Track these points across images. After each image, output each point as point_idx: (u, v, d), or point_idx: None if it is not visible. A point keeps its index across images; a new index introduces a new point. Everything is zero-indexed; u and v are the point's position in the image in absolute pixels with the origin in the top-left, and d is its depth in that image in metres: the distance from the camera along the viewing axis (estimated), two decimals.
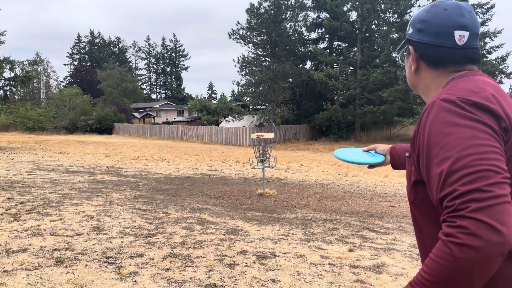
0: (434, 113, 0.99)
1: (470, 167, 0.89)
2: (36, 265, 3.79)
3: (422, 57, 1.15)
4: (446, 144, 0.94)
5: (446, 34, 1.10)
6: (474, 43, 1.11)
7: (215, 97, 75.70)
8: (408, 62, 1.22)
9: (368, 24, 35.17)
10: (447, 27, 1.10)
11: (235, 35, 36.67)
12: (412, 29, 1.18)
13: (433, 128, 0.98)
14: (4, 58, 23.51)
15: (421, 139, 1.01)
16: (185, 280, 3.59)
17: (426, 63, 1.15)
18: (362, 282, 3.75)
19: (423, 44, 1.14)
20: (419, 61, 1.17)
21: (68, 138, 32.54)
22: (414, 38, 1.16)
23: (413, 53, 1.17)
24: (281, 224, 6.35)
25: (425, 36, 1.13)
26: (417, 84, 1.22)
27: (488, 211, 0.84)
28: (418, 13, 1.19)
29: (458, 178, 0.89)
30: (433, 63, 1.13)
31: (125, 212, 6.45)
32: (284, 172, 14.85)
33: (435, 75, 1.14)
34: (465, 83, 1.04)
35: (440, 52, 1.11)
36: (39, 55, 75.00)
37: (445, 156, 0.93)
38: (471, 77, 1.07)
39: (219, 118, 40.20)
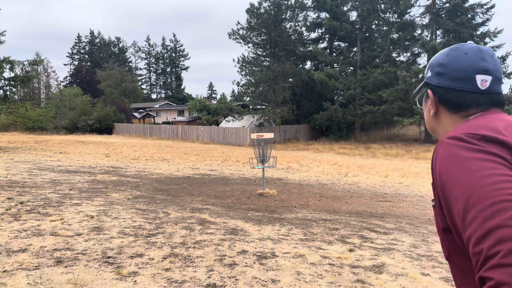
0: (441, 152, 0.96)
1: (487, 198, 0.81)
2: (36, 265, 3.79)
3: (442, 101, 1.11)
4: (457, 181, 0.88)
5: (467, 79, 1.06)
6: (497, 87, 1.07)
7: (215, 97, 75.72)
8: (427, 106, 1.18)
9: (368, 24, 35.18)
10: (468, 71, 1.06)
11: (235, 35, 36.68)
12: (431, 72, 1.14)
13: (442, 167, 0.93)
14: (4, 58, 23.52)
15: (436, 182, 0.96)
16: (185, 280, 3.59)
17: (446, 107, 1.10)
18: (362, 282, 3.75)
19: (442, 89, 1.10)
20: (439, 105, 1.12)
21: (68, 138, 32.54)
22: (433, 82, 1.12)
23: (432, 97, 1.13)
24: (281, 224, 6.35)
25: (444, 81, 1.09)
26: (436, 128, 1.17)
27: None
28: (437, 56, 1.15)
29: (477, 214, 0.81)
30: (454, 107, 1.08)
31: (125, 212, 6.44)
32: (284, 172, 14.85)
33: (456, 119, 1.09)
34: (475, 121, 1.01)
35: (461, 96, 1.07)
36: (39, 55, 75.05)
37: (458, 193, 0.87)
38: (486, 115, 1.03)
39: (219, 118, 40.20)
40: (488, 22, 30.40)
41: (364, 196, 10.13)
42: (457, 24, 29.07)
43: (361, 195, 10.26)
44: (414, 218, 7.47)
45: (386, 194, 10.61)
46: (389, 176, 14.05)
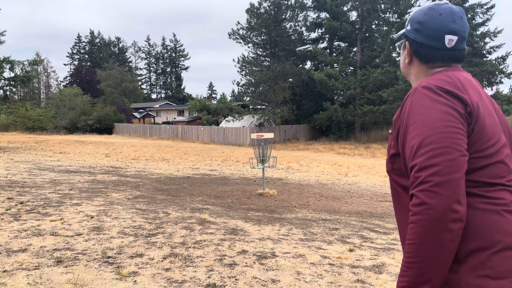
0: (414, 97, 1.19)
1: (438, 142, 1.09)
2: (36, 265, 3.79)
3: (416, 54, 1.34)
4: (421, 122, 1.13)
5: (438, 38, 1.28)
6: (461, 45, 1.30)
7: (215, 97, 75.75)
8: (403, 54, 1.41)
9: (368, 24, 35.17)
10: (439, 31, 1.28)
11: (235, 35, 36.68)
12: (410, 26, 1.36)
13: (412, 109, 1.17)
14: (4, 58, 23.51)
15: (403, 118, 1.20)
16: (185, 280, 3.59)
17: (418, 58, 1.34)
18: (362, 282, 3.75)
19: (417, 43, 1.32)
20: (413, 56, 1.36)
21: (68, 138, 32.54)
22: (411, 36, 1.35)
23: (409, 49, 1.36)
24: (281, 224, 6.35)
25: (420, 37, 1.31)
26: (408, 73, 1.42)
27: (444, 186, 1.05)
28: (417, 13, 1.35)
29: (426, 151, 1.10)
30: (424, 60, 1.32)
31: (125, 212, 6.45)
32: (284, 172, 14.85)
33: (424, 68, 1.34)
34: (441, 75, 1.24)
35: (431, 52, 1.30)
36: (39, 55, 75.01)
37: (418, 132, 1.13)
38: (449, 72, 1.26)
39: (219, 118, 40.20)
40: (488, 22, 30.40)
41: (364, 196, 10.13)
42: None
43: (361, 195, 10.26)
44: None
45: (386, 194, 10.61)
46: None
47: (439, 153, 1.08)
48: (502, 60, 29.34)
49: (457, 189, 1.05)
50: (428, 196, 1.05)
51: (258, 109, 36.71)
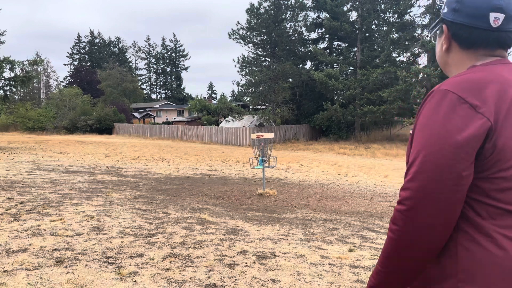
0: (430, 101, 1.07)
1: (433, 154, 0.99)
2: (36, 265, 3.79)
3: (455, 37, 1.15)
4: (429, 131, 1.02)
5: (481, 16, 1.09)
6: (508, 26, 1.10)
7: (215, 97, 75.74)
8: (440, 41, 1.23)
9: (368, 24, 35.17)
10: (482, 8, 1.09)
11: (235, 35, 36.68)
12: (447, 8, 1.18)
13: (424, 114, 1.06)
14: (4, 58, 23.50)
15: (415, 122, 1.10)
16: (185, 280, 3.59)
17: (458, 43, 1.15)
18: (362, 282, 3.75)
19: (456, 24, 1.14)
20: (451, 41, 1.17)
21: (68, 138, 32.54)
22: (448, 17, 1.16)
23: (446, 33, 1.17)
24: (281, 224, 6.35)
25: (459, 17, 1.13)
26: (446, 63, 1.22)
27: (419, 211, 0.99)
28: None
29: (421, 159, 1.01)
30: (465, 44, 1.14)
31: (125, 212, 6.45)
32: (284, 172, 14.85)
33: (465, 56, 1.15)
34: (475, 75, 1.06)
35: (472, 34, 1.11)
36: (39, 55, 75.02)
37: (417, 145, 1.04)
38: (487, 68, 1.08)
39: (219, 118, 40.19)
40: None
41: (364, 196, 10.13)
42: None
43: (361, 195, 10.27)
44: None
45: (386, 194, 10.61)
46: (389, 176, 14.05)
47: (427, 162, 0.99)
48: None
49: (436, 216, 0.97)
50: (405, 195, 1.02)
51: (258, 109, 36.71)
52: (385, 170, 15.64)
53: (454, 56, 1.18)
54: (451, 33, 1.16)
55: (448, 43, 1.18)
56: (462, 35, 1.13)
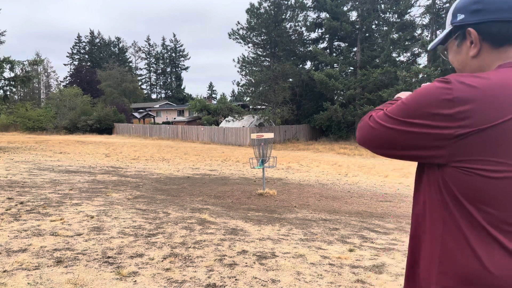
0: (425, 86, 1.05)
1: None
2: (36, 265, 3.79)
3: (487, 37, 1.07)
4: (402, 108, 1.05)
5: (510, 8, 1.04)
6: None
7: (215, 97, 75.76)
8: (462, 49, 1.14)
9: (368, 24, 35.17)
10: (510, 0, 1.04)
11: (235, 35, 36.68)
12: (464, 14, 1.10)
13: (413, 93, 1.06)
14: (4, 58, 23.50)
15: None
16: (185, 280, 3.59)
17: (490, 43, 1.07)
18: (362, 282, 3.75)
19: (485, 24, 1.06)
20: (482, 43, 1.08)
21: (68, 138, 32.54)
22: (472, 20, 1.08)
23: (476, 35, 1.08)
24: (281, 224, 6.35)
25: (486, 15, 1.06)
26: (474, 70, 1.13)
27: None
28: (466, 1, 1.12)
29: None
30: (500, 41, 1.06)
31: (125, 212, 6.45)
32: (284, 172, 14.85)
33: (496, 57, 1.07)
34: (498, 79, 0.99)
35: (506, 27, 1.04)
36: (39, 55, 75.06)
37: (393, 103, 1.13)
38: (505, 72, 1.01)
39: (219, 118, 40.19)
40: None
41: (364, 196, 10.13)
42: None
43: (361, 195, 10.27)
44: None
45: (386, 194, 10.61)
46: (389, 176, 14.06)
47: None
48: None
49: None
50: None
51: (258, 109, 36.71)
52: (385, 170, 15.64)
53: (485, 58, 1.09)
54: (481, 34, 1.07)
55: (478, 47, 1.09)
56: (494, 32, 1.05)
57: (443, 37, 1.19)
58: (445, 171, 1.01)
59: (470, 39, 1.10)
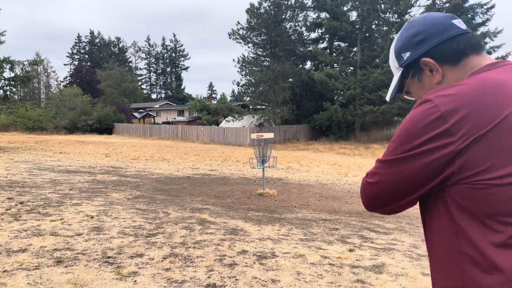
0: (408, 117, 1.01)
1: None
2: (36, 265, 3.79)
3: (442, 59, 1.07)
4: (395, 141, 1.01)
5: (448, 26, 1.07)
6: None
7: (215, 97, 75.72)
8: (424, 83, 1.13)
9: (368, 24, 35.17)
10: (444, 21, 1.08)
11: (235, 35, 36.68)
12: (410, 50, 1.12)
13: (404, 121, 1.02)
14: (4, 58, 23.50)
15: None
16: (185, 280, 3.59)
17: (449, 62, 1.07)
18: (362, 282, 3.75)
19: (435, 48, 1.07)
20: (442, 66, 1.08)
21: (68, 138, 32.54)
22: (420, 52, 1.09)
23: (433, 62, 1.08)
24: (281, 224, 6.35)
25: (432, 40, 1.08)
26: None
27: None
28: (403, 35, 1.14)
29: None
30: (456, 56, 1.06)
31: (125, 212, 6.45)
32: (284, 172, 14.85)
33: (460, 72, 1.07)
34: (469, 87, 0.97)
35: (455, 42, 1.06)
36: (39, 55, 75.00)
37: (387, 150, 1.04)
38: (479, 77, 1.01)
39: (219, 118, 40.19)
40: (488, 22, 30.41)
41: None
42: None
43: None
44: (414, 218, 7.47)
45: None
46: None
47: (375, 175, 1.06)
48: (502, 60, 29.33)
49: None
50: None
51: (258, 109, 36.71)
52: None
53: (451, 78, 1.08)
54: (436, 59, 1.07)
55: (440, 71, 1.08)
56: (447, 50, 1.07)
57: (398, 83, 1.18)
58: (457, 192, 0.94)
59: (428, 68, 1.09)
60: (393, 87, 1.19)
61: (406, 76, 1.15)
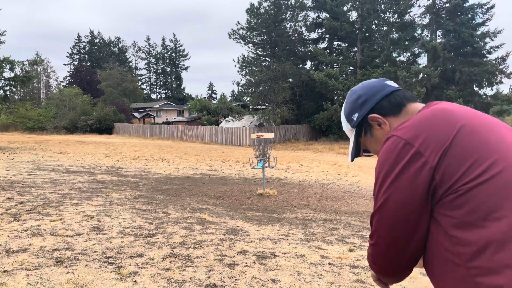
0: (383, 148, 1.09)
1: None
2: (36, 265, 3.79)
3: (386, 112, 1.21)
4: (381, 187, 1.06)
5: (383, 86, 1.25)
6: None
7: (215, 97, 75.74)
8: (376, 137, 1.25)
9: (368, 24, 35.17)
10: (379, 83, 1.26)
11: (235, 35, 36.67)
12: (357, 112, 1.26)
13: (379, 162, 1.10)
14: (4, 58, 23.50)
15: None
16: (185, 280, 3.59)
17: (391, 114, 1.21)
18: (362, 282, 3.75)
19: (377, 105, 1.22)
20: (387, 119, 1.21)
21: (68, 138, 32.54)
22: (365, 112, 1.24)
23: (379, 117, 1.21)
24: (281, 224, 6.35)
25: (372, 100, 1.23)
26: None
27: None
28: (348, 101, 1.29)
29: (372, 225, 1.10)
30: (396, 108, 1.20)
31: (125, 212, 6.45)
32: (284, 172, 14.85)
33: (404, 119, 1.16)
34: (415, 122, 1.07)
35: (392, 97, 1.22)
36: (39, 55, 74.97)
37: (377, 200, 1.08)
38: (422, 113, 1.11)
39: (219, 118, 40.19)
40: (488, 22, 30.41)
41: (364, 196, 10.13)
42: (457, 24, 29.07)
43: (361, 195, 10.27)
44: None
45: None
46: None
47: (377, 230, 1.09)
48: (502, 60, 29.34)
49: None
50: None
51: (258, 109, 36.71)
52: None
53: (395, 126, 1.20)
54: (380, 113, 1.21)
55: (387, 122, 1.20)
56: (388, 104, 1.21)
57: (355, 143, 1.31)
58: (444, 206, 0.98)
59: (376, 122, 1.22)
60: (351, 148, 1.32)
61: (360, 134, 1.29)
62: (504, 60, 29.36)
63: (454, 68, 29.61)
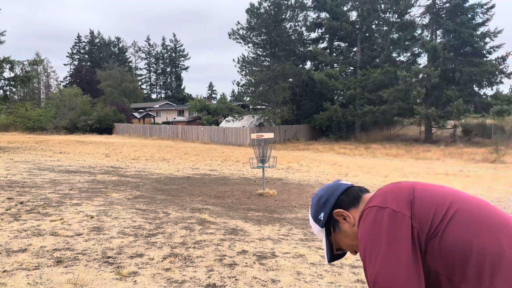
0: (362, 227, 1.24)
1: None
2: (36, 265, 3.79)
3: (347, 205, 1.37)
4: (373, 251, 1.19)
5: (338, 185, 1.43)
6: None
7: (215, 97, 75.73)
8: (344, 230, 1.38)
9: (368, 24, 35.16)
10: (335, 184, 1.44)
11: (235, 35, 36.65)
12: (321, 211, 1.40)
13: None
14: (4, 58, 23.50)
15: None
16: (185, 280, 3.59)
17: (352, 206, 1.37)
18: (362, 282, 3.75)
19: (339, 201, 1.38)
20: (349, 211, 1.37)
21: (68, 138, 32.53)
22: (328, 210, 1.39)
23: (341, 210, 1.37)
24: (281, 224, 6.35)
25: (331, 198, 1.39)
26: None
27: None
28: (313, 204, 1.44)
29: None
30: (354, 201, 1.38)
31: (125, 212, 6.44)
32: (284, 172, 14.85)
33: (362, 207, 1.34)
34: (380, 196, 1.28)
35: (349, 191, 1.40)
36: (39, 55, 74.91)
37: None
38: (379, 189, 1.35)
39: (219, 118, 40.18)
40: (488, 22, 30.36)
41: None
42: (457, 24, 29.06)
43: None
44: None
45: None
46: (389, 176, 14.04)
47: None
48: (502, 60, 29.33)
49: None
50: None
51: (258, 109, 36.69)
52: (385, 170, 15.63)
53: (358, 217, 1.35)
54: (342, 208, 1.37)
55: (350, 215, 1.36)
56: (347, 200, 1.38)
57: (328, 245, 1.43)
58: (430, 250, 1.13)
59: (341, 217, 1.37)
60: (326, 248, 1.44)
61: (330, 232, 1.41)
62: (504, 60, 29.33)
63: (454, 68, 29.60)
